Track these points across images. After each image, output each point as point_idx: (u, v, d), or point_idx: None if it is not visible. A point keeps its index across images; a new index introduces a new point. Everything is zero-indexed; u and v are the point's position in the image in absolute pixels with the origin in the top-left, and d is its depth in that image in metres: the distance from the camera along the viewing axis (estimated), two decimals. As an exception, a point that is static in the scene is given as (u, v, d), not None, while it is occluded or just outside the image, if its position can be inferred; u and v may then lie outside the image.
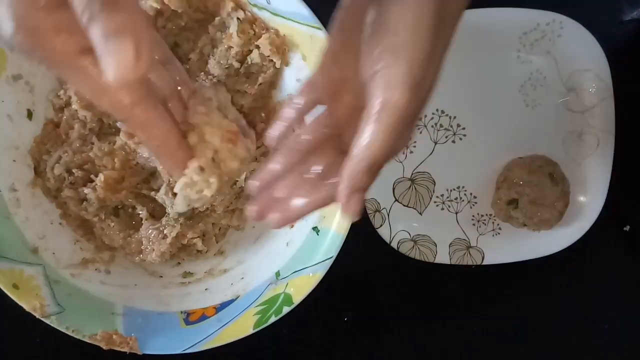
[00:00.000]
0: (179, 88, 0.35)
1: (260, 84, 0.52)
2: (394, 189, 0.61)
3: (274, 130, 0.36)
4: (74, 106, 0.52)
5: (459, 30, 0.31)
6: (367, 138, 0.28)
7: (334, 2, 0.33)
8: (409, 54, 0.27)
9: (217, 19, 0.52)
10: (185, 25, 0.53)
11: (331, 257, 0.47)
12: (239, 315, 0.49)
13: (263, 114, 0.55)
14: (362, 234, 0.57)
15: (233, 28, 0.50)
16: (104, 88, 0.26)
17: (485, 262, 0.60)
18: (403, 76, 0.27)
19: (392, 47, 0.28)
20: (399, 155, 0.60)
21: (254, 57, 0.51)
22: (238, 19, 0.50)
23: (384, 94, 0.28)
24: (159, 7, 0.51)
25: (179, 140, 0.31)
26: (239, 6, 0.51)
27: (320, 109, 0.35)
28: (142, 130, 0.29)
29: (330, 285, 0.47)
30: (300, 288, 0.48)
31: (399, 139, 0.29)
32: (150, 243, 0.52)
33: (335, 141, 0.35)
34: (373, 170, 0.29)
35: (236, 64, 0.52)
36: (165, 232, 0.51)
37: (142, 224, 0.53)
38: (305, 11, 0.46)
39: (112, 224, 0.53)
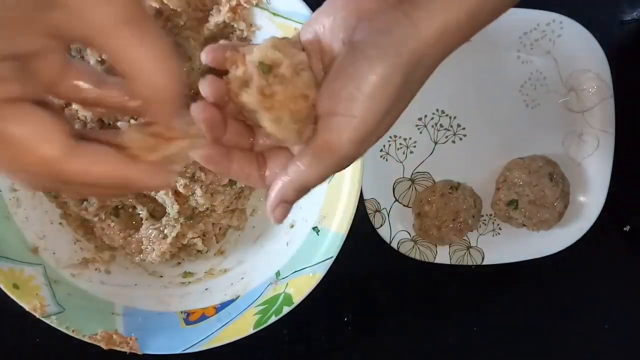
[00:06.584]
0: None
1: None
2: (394, 189, 0.61)
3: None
4: (74, 106, 0.51)
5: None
6: (304, 166, 0.30)
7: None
8: (364, 114, 0.28)
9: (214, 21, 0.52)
10: (185, 24, 0.53)
11: (331, 257, 0.47)
12: (239, 315, 0.49)
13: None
14: (362, 234, 0.57)
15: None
16: None
17: (485, 262, 0.60)
18: (353, 132, 0.28)
19: (352, 98, 0.28)
20: (399, 155, 0.60)
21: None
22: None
23: (332, 140, 0.29)
24: (158, 7, 0.50)
25: None
26: (237, 7, 0.51)
27: None
28: None
29: (330, 285, 0.47)
30: (300, 288, 0.48)
31: (334, 172, 0.31)
32: (151, 243, 0.52)
33: None
34: (301, 192, 0.31)
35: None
36: (165, 232, 0.51)
37: (142, 224, 0.52)
38: (305, 11, 0.46)
39: (112, 224, 0.53)
